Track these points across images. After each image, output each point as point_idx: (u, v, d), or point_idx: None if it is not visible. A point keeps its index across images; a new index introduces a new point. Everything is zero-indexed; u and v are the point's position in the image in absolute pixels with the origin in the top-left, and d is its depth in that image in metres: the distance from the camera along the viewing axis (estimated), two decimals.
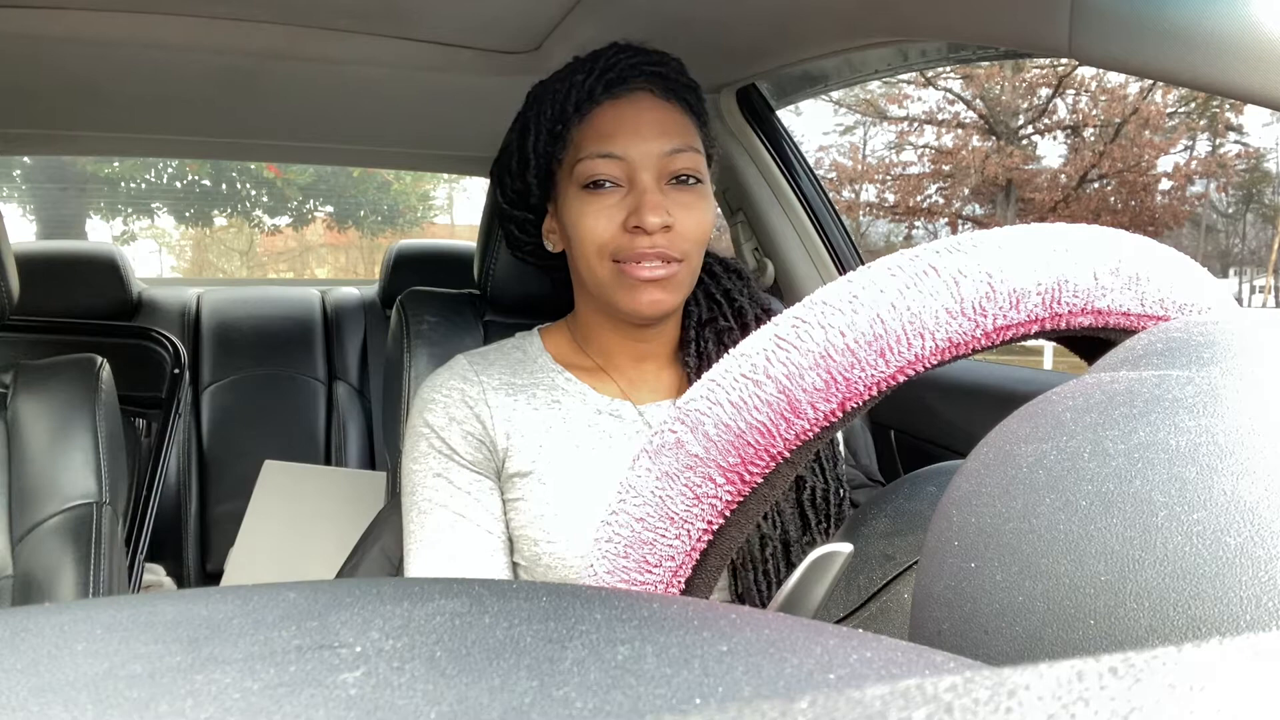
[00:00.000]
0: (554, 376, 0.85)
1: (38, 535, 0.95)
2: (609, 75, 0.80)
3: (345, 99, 1.50)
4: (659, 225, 0.77)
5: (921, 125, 14.78)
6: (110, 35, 1.17)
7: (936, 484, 0.47)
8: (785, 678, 0.18)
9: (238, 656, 0.19)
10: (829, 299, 0.33)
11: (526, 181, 0.85)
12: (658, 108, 0.81)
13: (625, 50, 0.82)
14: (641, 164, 0.78)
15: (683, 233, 0.78)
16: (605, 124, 0.80)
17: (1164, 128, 13.63)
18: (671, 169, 0.79)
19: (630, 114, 0.80)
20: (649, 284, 0.78)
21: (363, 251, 12.69)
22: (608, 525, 0.35)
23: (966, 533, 0.28)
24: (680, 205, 0.79)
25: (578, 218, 0.80)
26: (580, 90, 0.80)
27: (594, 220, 0.79)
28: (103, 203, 10.86)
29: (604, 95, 0.80)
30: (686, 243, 0.79)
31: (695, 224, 0.80)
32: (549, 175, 0.84)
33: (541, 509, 0.79)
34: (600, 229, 0.79)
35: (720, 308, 0.88)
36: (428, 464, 0.81)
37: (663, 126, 0.80)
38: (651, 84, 0.81)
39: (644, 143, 0.79)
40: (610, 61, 0.81)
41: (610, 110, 0.80)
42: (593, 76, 0.80)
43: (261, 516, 1.78)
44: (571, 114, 0.81)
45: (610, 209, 0.79)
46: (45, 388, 1.01)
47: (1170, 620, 0.22)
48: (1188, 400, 0.25)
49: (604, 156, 0.79)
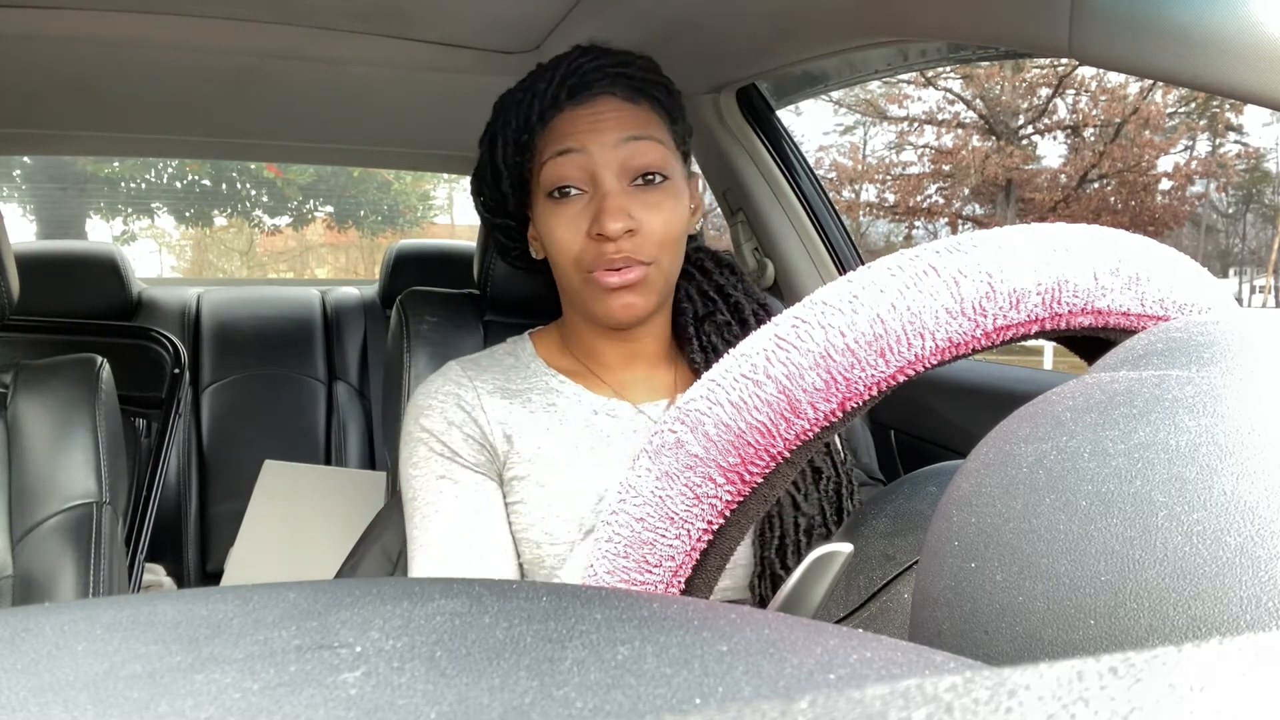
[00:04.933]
0: (547, 379, 0.85)
1: (38, 535, 0.95)
2: (571, 81, 0.79)
3: (345, 99, 1.50)
4: (620, 230, 0.75)
5: (921, 125, 14.78)
6: (110, 35, 1.17)
7: (936, 484, 0.47)
8: (785, 678, 0.18)
9: (238, 656, 0.19)
10: (829, 299, 0.33)
11: (502, 191, 0.85)
12: (621, 108, 0.79)
13: (588, 53, 0.81)
14: (601, 160, 0.77)
15: (649, 235, 0.77)
16: (565, 126, 0.79)
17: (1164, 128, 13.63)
18: (633, 166, 0.78)
19: (589, 115, 0.79)
20: (619, 290, 0.77)
21: (363, 251, 12.70)
22: (608, 525, 0.35)
23: (966, 533, 0.28)
24: (646, 206, 0.77)
25: (549, 229, 0.80)
26: (543, 98, 0.79)
27: (562, 231, 0.78)
28: (103, 203, 10.85)
29: (567, 101, 0.79)
30: (653, 245, 0.77)
31: (662, 225, 0.78)
32: (523, 184, 0.84)
33: (542, 511, 0.79)
34: (568, 240, 0.78)
35: (715, 303, 0.88)
36: (430, 468, 0.80)
37: (620, 120, 0.78)
38: (615, 86, 0.79)
39: (601, 134, 0.77)
40: (572, 66, 0.80)
41: (569, 114, 0.79)
42: (554, 84, 0.79)
43: (261, 516, 1.78)
44: (535, 122, 0.80)
45: (575, 218, 0.78)
46: (45, 388, 1.01)
47: (1170, 620, 0.22)
48: (1188, 400, 0.25)
49: (563, 154, 0.78)
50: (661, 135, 0.80)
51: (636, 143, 0.78)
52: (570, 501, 0.78)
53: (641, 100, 0.80)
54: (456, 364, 0.86)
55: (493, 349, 0.90)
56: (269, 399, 2.10)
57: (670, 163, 0.80)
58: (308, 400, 2.13)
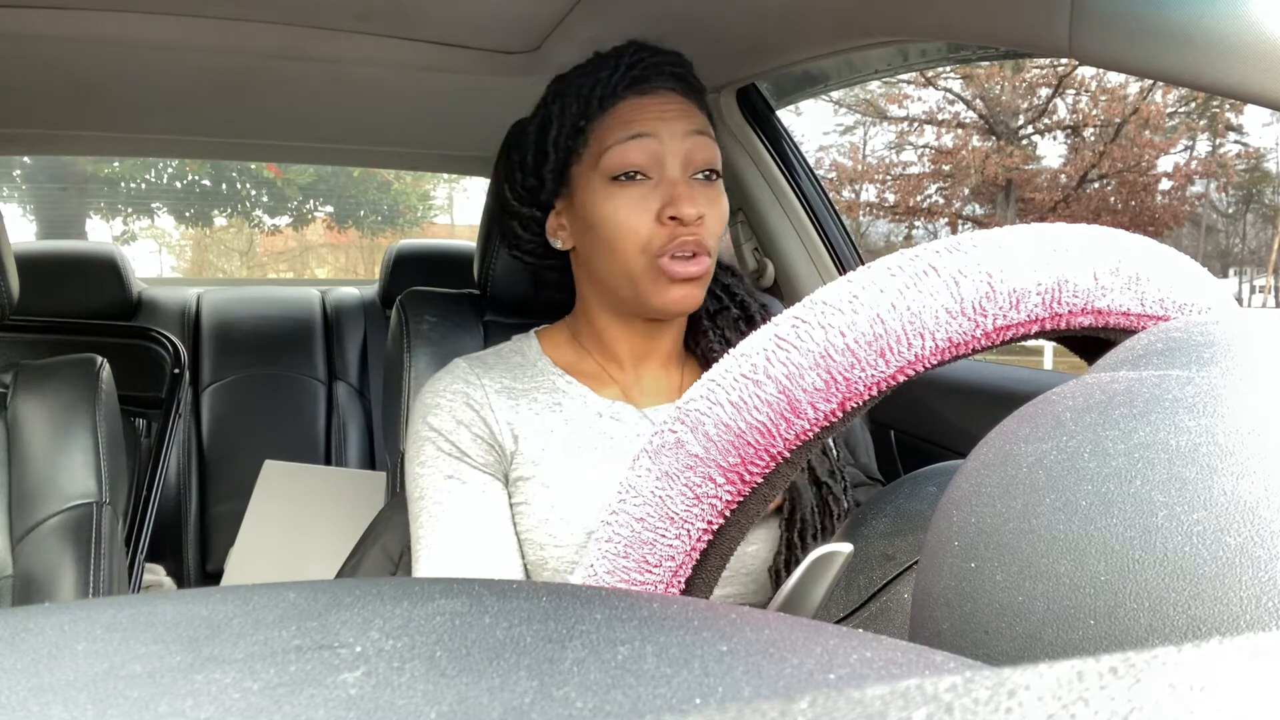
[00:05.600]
0: (554, 379, 0.85)
1: (38, 535, 0.95)
2: (634, 72, 0.80)
3: (345, 99, 1.50)
4: (696, 215, 0.77)
5: (921, 125, 14.78)
6: (110, 35, 1.17)
7: (936, 484, 0.47)
8: (785, 678, 0.18)
9: (238, 656, 0.19)
10: (829, 299, 0.33)
11: (541, 177, 0.85)
12: (682, 103, 0.81)
13: (646, 49, 0.82)
14: (671, 148, 0.78)
15: (710, 227, 0.79)
16: (632, 112, 0.80)
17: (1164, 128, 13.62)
18: (697, 160, 0.79)
19: (657, 104, 0.80)
20: (684, 282, 0.78)
21: (363, 251, 12.69)
22: (608, 525, 0.35)
23: (966, 533, 0.28)
24: (706, 199, 0.79)
25: (610, 212, 0.79)
26: (605, 85, 0.80)
27: (629, 213, 0.78)
28: (103, 203, 10.86)
29: (627, 90, 0.80)
30: (713, 238, 0.80)
31: (719, 219, 0.80)
32: (564, 171, 0.84)
33: (546, 513, 0.78)
34: (635, 222, 0.78)
35: (722, 300, 0.89)
36: (438, 467, 0.80)
37: (685, 113, 0.80)
38: (675, 83, 0.81)
39: (670, 123, 0.79)
40: (635, 58, 0.81)
41: (635, 103, 0.80)
42: (618, 72, 0.80)
43: (261, 516, 1.78)
44: (595, 108, 0.80)
45: (641, 200, 0.78)
46: (45, 388, 1.01)
47: (1170, 620, 0.22)
48: (1188, 400, 0.25)
49: (634, 138, 0.78)
50: (713, 136, 0.82)
51: (700, 137, 0.80)
52: (574, 505, 0.78)
53: (694, 100, 0.82)
54: (464, 361, 0.85)
55: (498, 347, 0.89)
56: (269, 399, 2.10)
57: (720, 163, 0.82)
58: (308, 400, 2.13)
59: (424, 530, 0.79)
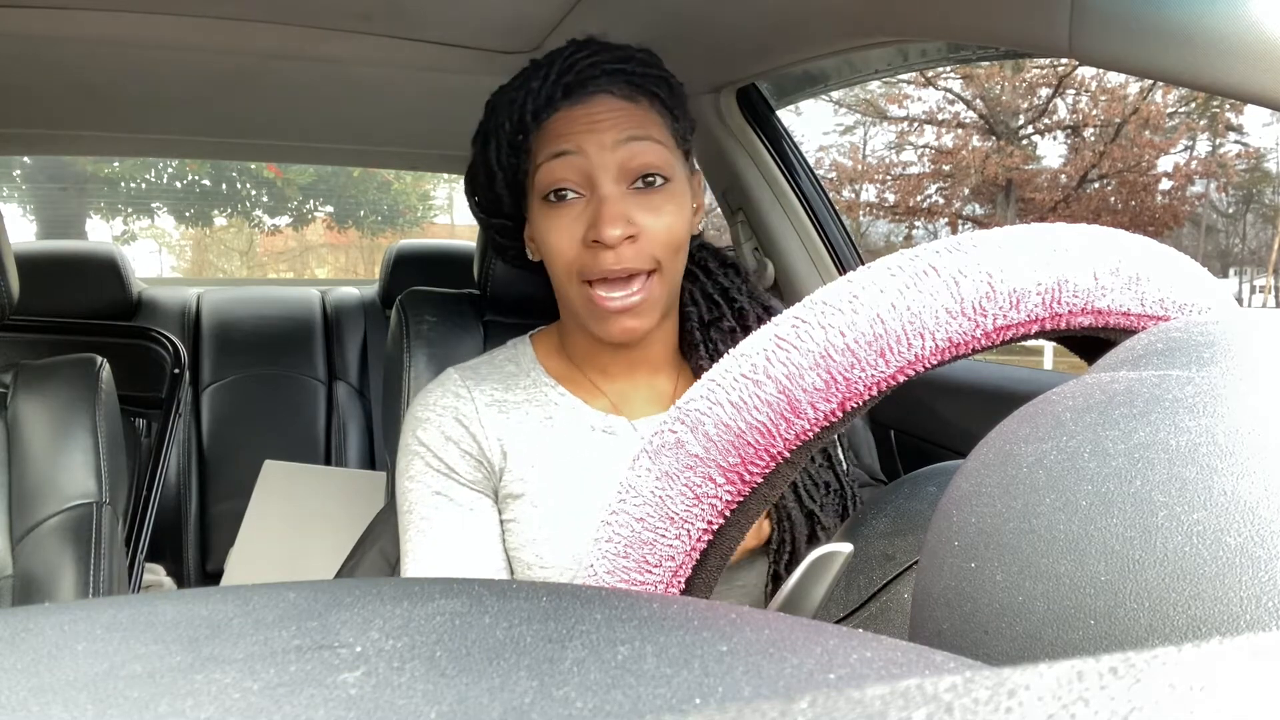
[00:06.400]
0: (546, 391, 0.82)
1: (38, 535, 0.95)
2: (566, 79, 0.75)
3: (345, 99, 1.50)
4: (619, 237, 0.72)
5: (921, 125, 14.78)
6: (110, 35, 1.17)
7: (936, 484, 0.47)
8: (785, 678, 0.18)
9: (238, 656, 0.19)
10: (829, 299, 0.33)
11: (496, 193, 0.82)
12: (618, 107, 0.76)
13: (584, 48, 0.78)
14: (598, 162, 0.73)
15: (651, 240, 0.74)
16: (560, 126, 0.75)
17: (1164, 128, 13.62)
18: (632, 167, 0.74)
19: (585, 115, 0.75)
20: (619, 313, 0.75)
21: (363, 251, 12.69)
22: (607, 525, 0.35)
23: (966, 533, 0.28)
24: (646, 210, 0.74)
25: (544, 234, 0.76)
26: (537, 97, 0.76)
27: (557, 237, 0.75)
28: (103, 203, 10.86)
29: (562, 100, 0.75)
30: (655, 251, 0.74)
31: (664, 229, 0.74)
32: (518, 185, 0.81)
33: (534, 533, 0.77)
34: (563, 246, 0.75)
35: (720, 308, 0.85)
36: (426, 483, 0.79)
37: (617, 120, 0.75)
38: (612, 84, 0.76)
39: (598, 134, 0.74)
40: (568, 63, 0.76)
41: (565, 115, 0.76)
42: (549, 82, 0.76)
43: (261, 516, 1.78)
44: (529, 123, 0.76)
45: (571, 223, 0.75)
46: (45, 388, 1.01)
47: (1170, 620, 0.22)
48: (1188, 400, 0.25)
49: (558, 155, 0.74)
50: (661, 135, 0.77)
51: (635, 143, 0.74)
52: (561, 527, 0.77)
53: (640, 98, 0.77)
54: (455, 372, 0.83)
55: (493, 353, 0.88)
56: (269, 399, 2.10)
57: (671, 163, 0.76)
58: (307, 400, 2.13)
59: (411, 545, 0.78)
